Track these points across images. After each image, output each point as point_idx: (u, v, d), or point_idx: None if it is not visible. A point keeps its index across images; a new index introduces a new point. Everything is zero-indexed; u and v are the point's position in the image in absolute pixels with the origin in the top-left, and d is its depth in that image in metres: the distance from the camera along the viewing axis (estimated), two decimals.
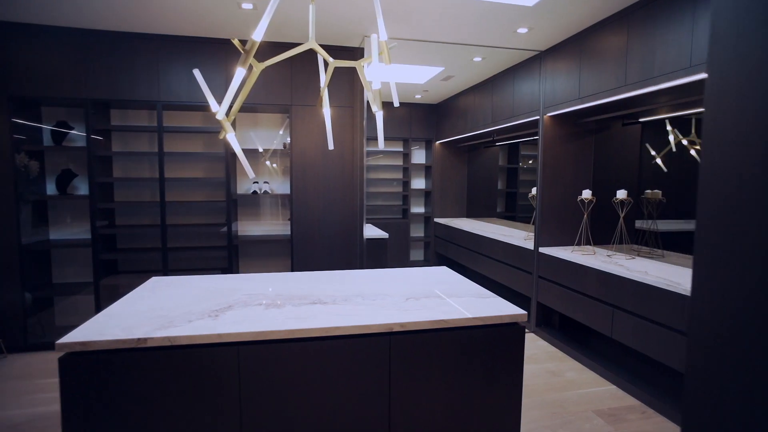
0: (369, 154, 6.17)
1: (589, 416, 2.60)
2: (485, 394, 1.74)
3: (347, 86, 3.89)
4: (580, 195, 3.60)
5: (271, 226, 4.18)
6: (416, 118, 6.25)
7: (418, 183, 6.56)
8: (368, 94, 1.91)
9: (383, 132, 1.91)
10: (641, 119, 3.49)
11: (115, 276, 3.83)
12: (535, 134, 4.09)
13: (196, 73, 1.75)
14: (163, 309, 1.76)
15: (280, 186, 4.18)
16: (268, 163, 4.15)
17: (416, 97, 5.82)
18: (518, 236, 4.41)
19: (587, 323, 3.18)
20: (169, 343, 1.47)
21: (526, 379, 2.98)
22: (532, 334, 3.93)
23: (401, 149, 6.35)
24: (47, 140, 3.63)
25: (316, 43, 1.79)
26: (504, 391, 1.76)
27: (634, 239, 3.53)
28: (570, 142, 3.77)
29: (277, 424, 1.58)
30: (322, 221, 3.93)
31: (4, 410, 2.61)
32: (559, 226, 3.80)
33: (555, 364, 3.34)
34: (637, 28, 2.79)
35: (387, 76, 1.89)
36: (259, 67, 1.74)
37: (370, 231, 4.50)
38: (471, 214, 6.39)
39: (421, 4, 2.87)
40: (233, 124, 3.84)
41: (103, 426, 1.45)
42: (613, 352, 3.37)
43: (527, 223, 4.86)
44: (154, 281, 2.24)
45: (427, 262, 6.60)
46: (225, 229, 3.79)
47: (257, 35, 1.54)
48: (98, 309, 3.45)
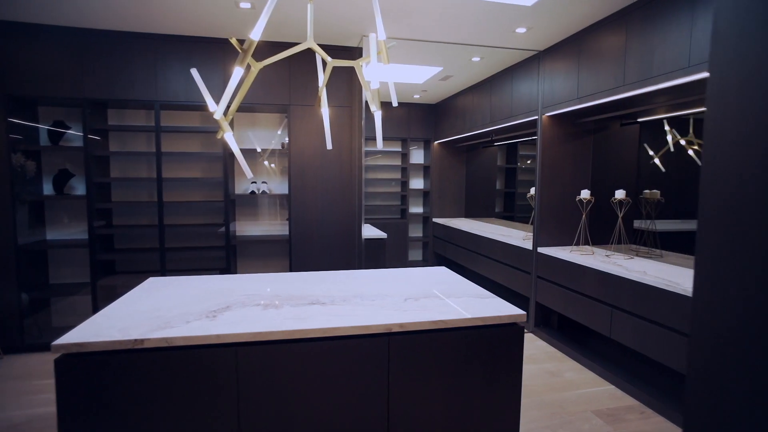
0: (367, 154, 6.16)
1: (588, 416, 2.60)
2: (484, 395, 1.74)
3: (346, 86, 3.88)
4: (579, 195, 3.60)
5: (270, 226, 4.17)
6: (415, 118, 6.24)
7: (417, 183, 6.56)
8: (367, 94, 1.90)
9: (382, 132, 1.91)
10: (639, 119, 3.50)
11: (112, 276, 3.81)
12: (533, 134, 4.09)
13: (194, 72, 1.74)
14: (161, 310, 1.74)
15: (279, 186, 4.17)
16: (266, 163, 4.14)
17: (415, 97, 5.82)
18: (517, 236, 4.40)
19: (586, 323, 3.18)
20: (167, 344, 1.46)
21: (525, 379, 2.98)
22: (531, 335, 3.93)
23: (400, 149, 6.35)
24: (44, 140, 3.61)
25: (315, 42, 1.78)
26: (503, 392, 1.75)
27: (632, 239, 3.53)
28: (568, 142, 3.77)
29: (276, 426, 1.57)
30: (321, 221, 3.92)
31: (4, 411, 2.60)
32: (558, 226, 3.80)
33: (554, 364, 3.34)
34: (635, 28, 2.79)
35: (385, 76, 1.88)
36: (257, 67, 1.73)
37: (369, 231, 4.50)
38: (469, 214, 6.39)
39: (419, 4, 2.86)
40: (231, 124, 3.83)
41: (100, 429, 1.44)
42: (611, 352, 3.37)
43: (526, 223, 4.86)
44: (152, 282, 2.22)
45: (425, 262, 6.60)
46: (223, 230, 3.77)
47: (255, 34, 1.53)
48: (95, 310, 3.43)
